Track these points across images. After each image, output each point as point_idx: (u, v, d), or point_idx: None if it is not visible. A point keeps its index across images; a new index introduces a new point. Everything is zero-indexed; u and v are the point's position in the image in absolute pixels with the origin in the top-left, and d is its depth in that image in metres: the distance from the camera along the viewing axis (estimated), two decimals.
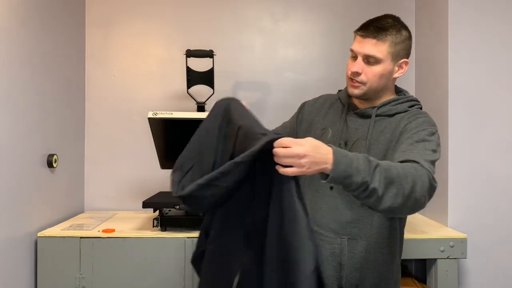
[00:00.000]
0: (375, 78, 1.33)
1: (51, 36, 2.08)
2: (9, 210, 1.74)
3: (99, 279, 1.84)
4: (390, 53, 1.32)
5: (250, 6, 2.52)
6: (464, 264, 2.04)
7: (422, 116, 1.35)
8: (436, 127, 1.32)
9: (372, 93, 1.36)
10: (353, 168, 1.04)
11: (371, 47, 1.31)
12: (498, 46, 2.05)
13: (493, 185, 2.04)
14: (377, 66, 1.32)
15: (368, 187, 1.05)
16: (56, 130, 2.13)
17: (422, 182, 1.11)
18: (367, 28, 1.33)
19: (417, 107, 1.41)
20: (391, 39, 1.31)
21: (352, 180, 1.04)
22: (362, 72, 1.33)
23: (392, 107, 1.37)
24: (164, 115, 1.94)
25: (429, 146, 1.23)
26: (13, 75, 1.76)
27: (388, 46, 1.31)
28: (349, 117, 1.41)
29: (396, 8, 2.52)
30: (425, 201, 1.13)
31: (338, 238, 1.34)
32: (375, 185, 1.05)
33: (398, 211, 1.11)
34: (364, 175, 1.04)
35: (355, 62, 1.34)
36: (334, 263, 1.35)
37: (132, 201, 2.43)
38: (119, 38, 2.49)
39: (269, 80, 2.51)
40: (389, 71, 1.34)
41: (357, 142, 1.35)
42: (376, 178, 1.06)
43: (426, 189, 1.12)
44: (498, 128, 2.05)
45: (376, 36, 1.30)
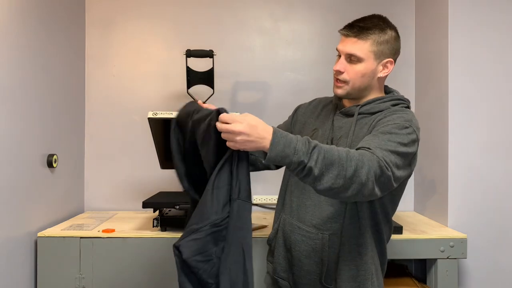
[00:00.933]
0: (357, 77, 1.35)
1: (51, 36, 2.08)
2: (9, 210, 1.74)
3: (99, 279, 1.84)
4: (372, 52, 1.33)
5: (250, 6, 2.52)
6: (464, 264, 2.04)
7: (400, 112, 1.33)
8: (412, 124, 1.28)
9: (356, 93, 1.38)
10: (291, 148, 1.08)
11: (352, 45, 1.33)
12: (498, 46, 2.05)
13: (493, 185, 2.04)
14: (359, 65, 1.34)
15: (305, 166, 1.08)
16: (56, 130, 2.13)
17: (368, 167, 1.11)
18: (350, 27, 1.35)
19: (402, 106, 1.40)
20: (373, 38, 1.33)
21: (291, 159, 1.08)
22: (344, 71, 1.35)
23: (374, 106, 1.38)
24: (164, 115, 1.93)
25: (394, 138, 1.22)
26: (13, 75, 1.76)
27: (370, 45, 1.33)
28: (335, 117, 1.45)
29: (396, 8, 2.52)
30: (373, 187, 1.13)
31: (319, 233, 1.37)
32: (311, 164, 1.08)
33: (341, 193, 1.12)
34: (300, 155, 1.08)
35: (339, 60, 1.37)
36: (316, 258, 1.38)
37: (132, 201, 2.43)
38: (119, 38, 2.49)
39: (269, 80, 2.51)
40: (372, 70, 1.35)
41: (341, 140, 1.38)
42: (313, 158, 1.08)
43: (374, 175, 1.12)
44: (498, 128, 2.05)
45: (358, 35, 1.33)
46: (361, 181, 1.10)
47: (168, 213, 1.96)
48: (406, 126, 1.26)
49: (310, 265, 1.39)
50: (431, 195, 2.24)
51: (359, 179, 1.10)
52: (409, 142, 1.24)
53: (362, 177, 1.10)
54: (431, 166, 2.25)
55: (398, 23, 2.51)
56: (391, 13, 2.51)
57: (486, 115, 2.05)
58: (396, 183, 1.21)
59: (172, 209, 1.96)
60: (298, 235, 1.41)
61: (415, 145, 1.27)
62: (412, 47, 2.51)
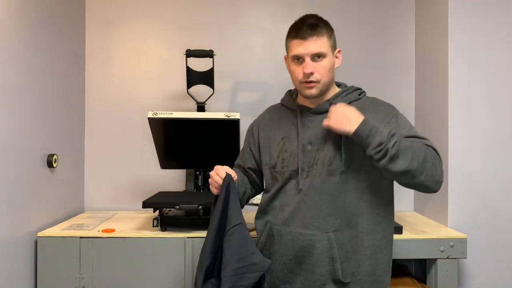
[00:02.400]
0: (325, 73, 1.40)
1: (51, 36, 2.08)
2: (9, 210, 1.74)
3: (99, 279, 1.85)
4: (330, 46, 1.40)
5: (250, 6, 2.52)
6: (464, 264, 2.04)
7: (379, 102, 1.48)
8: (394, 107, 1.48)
9: (325, 89, 1.44)
10: (376, 130, 1.28)
11: (315, 44, 1.37)
12: (498, 46, 2.05)
13: (493, 185, 2.04)
14: (325, 61, 1.39)
15: (383, 148, 1.26)
16: (56, 130, 2.13)
17: (434, 154, 1.33)
18: (302, 30, 1.39)
19: (364, 95, 1.51)
20: (325, 32, 1.39)
21: (373, 139, 1.28)
22: (314, 71, 1.38)
23: (344, 98, 1.45)
24: (164, 115, 1.94)
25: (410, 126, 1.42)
26: (13, 75, 1.76)
27: (327, 39, 1.39)
28: (305, 118, 1.46)
29: (396, 8, 2.53)
30: (441, 171, 1.34)
31: (324, 233, 1.38)
32: (389, 146, 1.26)
33: (416, 176, 1.29)
34: (382, 137, 1.27)
35: (303, 64, 1.39)
36: (326, 258, 1.38)
37: (132, 201, 2.44)
38: (119, 38, 2.49)
39: (269, 80, 2.51)
40: (333, 63, 1.42)
41: (322, 138, 1.41)
42: (392, 141, 1.27)
43: (438, 160, 1.34)
44: (498, 128, 2.05)
45: (315, 33, 1.37)
46: (431, 167, 1.30)
47: (168, 213, 1.96)
48: (396, 110, 1.46)
49: (322, 267, 1.38)
50: (431, 195, 2.24)
51: (429, 165, 1.30)
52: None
53: (429, 163, 1.30)
54: None
55: (398, 23, 2.53)
56: (391, 13, 2.53)
57: (486, 115, 2.05)
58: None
59: (172, 209, 1.96)
60: (303, 242, 1.40)
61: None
62: (412, 47, 2.51)
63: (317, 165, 1.40)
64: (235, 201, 1.39)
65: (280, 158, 1.46)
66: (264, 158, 1.52)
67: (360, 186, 1.39)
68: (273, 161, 1.48)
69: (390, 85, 2.51)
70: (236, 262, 1.31)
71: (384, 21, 2.52)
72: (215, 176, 1.40)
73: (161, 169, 2.17)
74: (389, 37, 2.52)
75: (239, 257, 1.32)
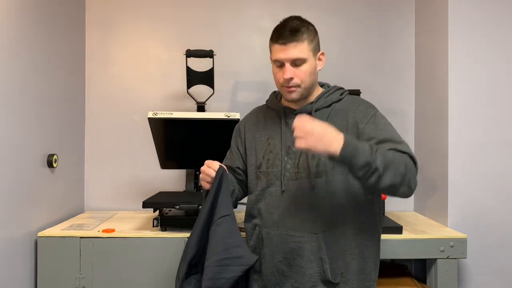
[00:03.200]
0: (306, 77, 1.40)
1: (51, 36, 2.08)
2: (9, 210, 1.74)
3: (99, 279, 1.85)
4: (310, 50, 1.40)
5: (250, 6, 2.52)
6: (464, 264, 2.04)
7: (359, 101, 1.48)
8: (374, 106, 1.47)
9: (307, 92, 1.45)
10: (359, 150, 1.21)
11: (294, 50, 1.37)
12: (498, 46, 2.05)
13: (493, 185, 2.04)
14: (305, 66, 1.39)
15: (371, 167, 1.21)
16: (56, 130, 2.14)
17: (410, 164, 1.29)
18: (283, 35, 1.38)
19: (346, 94, 1.52)
20: (306, 37, 1.39)
21: (358, 161, 1.21)
22: (294, 76, 1.39)
23: (326, 99, 1.47)
24: (164, 115, 1.94)
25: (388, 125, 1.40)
26: (13, 75, 1.76)
27: (307, 44, 1.39)
28: (290, 120, 1.46)
29: (396, 8, 2.53)
30: (415, 180, 1.30)
31: (313, 235, 1.39)
32: (377, 165, 1.21)
33: (398, 190, 1.27)
34: (367, 156, 1.21)
35: (283, 69, 1.40)
36: (316, 260, 1.39)
37: (132, 201, 2.44)
38: (119, 39, 2.49)
39: (269, 80, 2.48)
40: (314, 67, 1.43)
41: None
42: (377, 159, 1.21)
43: (414, 170, 1.30)
44: (498, 128, 2.05)
45: (295, 39, 1.37)
46: (409, 178, 1.27)
47: (168, 213, 1.96)
48: (375, 110, 1.44)
49: (312, 268, 1.39)
50: (431, 195, 2.24)
51: (408, 176, 1.26)
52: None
53: (408, 174, 1.27)
54: (431, 166, 2.25)
55: (398, 23, 2.53)
56: (391, 13, 2.53)
57: (486, 115, 2.05)
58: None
59: (172, 209, 1.96)
60: (292, 243, 1.41)
61: None
62: (412, 47, 2.51)
63: (303, 167, 1.41)
64: (227, 193, 1.37)
65: (266, 158, 1.47)
66: (250, 158, 1.53)
67: (346, 186, 1.39)
68: (258, 161, 1.50)
69: (390, 85, 2.51)
70: (220, 253, 1.27)
71: (384, 21, 2.52)
72: (208, 169, 1.38)
73: (161, 169, 2.17)
74: (389, 37, 2.52)
75: (224, 248, 1.28)
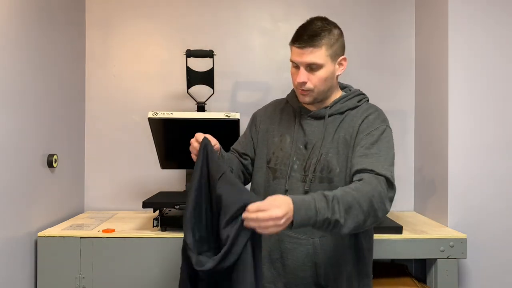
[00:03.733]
0: (321, 83, 1.38)
1: (51, 36, 2.08)
2: (9, 210, 1.74)
3: (99, 279, 1.85)
4: (328, 56, 1.37)
5: (250, 6, 2.52)
6: (464, 264, 2.04)
7: (372, 112, 1.42)
8: (386, 121, 1.41)
9: (321, 96, 1.42)
10: (312, 209, 1.13)
11: (310, 55, 1.35)
12: (498, 46, 2.05)
13: (493, 185, 2.04)
14: (320, 71, 1.37)
15: (331, 221, 1.14)
16: (56, 130, 2.13)
17: (379, 192, 1.22)
18: (301, 39, 1.36)
19: (365, 101, 1.47)
20: (325, 42, 1.36)
21: (315, 219, 1.13)
22: (308, 81, 1.37)
23: (342, 105, 1.44)
24: (164, 115, 1.94)
25: (385, 145, 1.34)
26: (13, 75, 1.76)
27: (325, 50, 1.36)
28: (304, 121, 1.46)
29: (396, 8, 2.53)
30: (385, 207, 1.24)
31: (310, 238, 1.38)
32: (337, 217, 1.14)
33: (363, 227, 1.21)
34: (324, 212, 1.13)
35: (298, 72, 1.38)
36: (309, 263, 1.39)
37: (132, 201, 2.44)
38: (119, 38, 2.49)
39: (269, 80, 2.51)
40: (332, 72, 1.39)
41: (316, 144, 1.41)
42: (336, 210, 1.15)
43: (386, 197, 1.24)
44: (498, 128, 2.05)
45: (312, 44, 1.34)
46: (375, 209, 1.20)
47: (168, 213, 1.96)
48: (384, 128, 1.37)
49: (305, 271, 1.39)
50: (431, 195, 2.24)
51: (374, 208, 1.20)
52: (392, 141, 1.38)
53: (376, 205, 1.20)
54: (431, 166, 2.25)
55: (398, 23, 2.53)
56: (391, 13, 2.53)
57: (486, 115, 2.05)
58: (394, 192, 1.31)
59: (172, 209, 1.96)
60: (289, 244, 1.41)
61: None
62: (412, 47, 2.51)
63: (309, 170, 1.40)
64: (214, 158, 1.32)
65: (275, 155, 1.47)
66: (261, 150, 1.52)
67: None
68: (268, 156, 1.49)
69: (390, 85, 2.51)
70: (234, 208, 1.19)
71: (384, 21, 2.52)
72: (194, 142, 1.38)
73: (161, 169, 2.17)
74: (389, 37, 2.52)
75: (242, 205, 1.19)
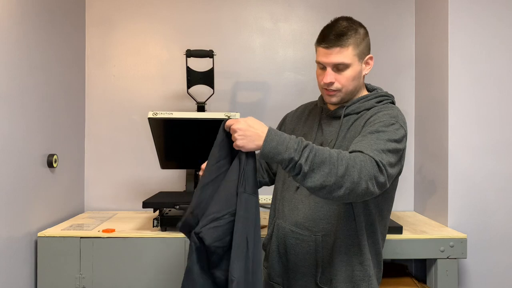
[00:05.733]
0: (348, 82, 1.37)
1: (51, 36, 2.08)
2: (9, 210, 1.74)
3: (99, 279, 1.85)
4: (356, 55, 1.36)
5: (250, 7, 2.52)
6: (464, 264, 2.04)
7: (386, 109, 1.36)
8: (398, 119, 1.31)
9: (348, 97, 1.41)
10: (283, 145, 1.13)
11: (337, 55, 1.34)
12: (498, 46, 2.05)
13: (493, 185, 2.04)
14: (348, 71, 1.36)
15: (296, 163, 1.12)
16: (56, 130, 2.13)
17: (360, 166, 1.13)
18: (327, 39, 1.35)
19: (386, 102, 1.43)
20: (352, 41, 1.35)
21: (282, 156, 1.12)
22: (335, 81, 1.36)
23: (360, 105, 1.41)
24: (164, 115, 1.94)
25: (383, 136, 1.24)
26: (13, 75, 1.76)
27: (352, 49, 1.35)
28: (323, 120, 1.47)
29: (396, 8, 2.53)
30: (367, 186, 1.14)
31: (312, 235, 1.38)
32: (302, 162, 1.11)
33: (334, 192, 1.13)
34: (291, 152, 1.12)
35: (325, 73, 1.37)
36: (310, 260, 1.39)
37: (132, 201, 2.44)
38: (119, 38, 2.49)
39: (269, 80, 2.51)
40: (359, 71, 1.38)
41: (331, 143, 1.40)
42: (304, 155, 1.12)
43: (368, 174, 1.14)
44: (498, 128, 2.05)
45: (339, 44, 1.33)
46: (353, 180, 1.12)
47: (168, 213, 1.96)
48: (392, 122, 1.29)
49: (305, 268, 1.39)
50: (431, 195, 2.24)
51: (351, 178, 1.12)
52: (399, 138, 1.27)
53: (354, 176, 1.12)
54: (431, 166, 2.25)
55: (398, 23, 2.53)
56: (391, 13, 2.53)
57: (486, 115, 2.05)
58: (390, 181, 1.23)
59: (172, 209, 1.96)
60: (292, 239, 1.41)
61: (403, 140, 1.30)
62: (412, 47, 2.51)
63: None
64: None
65: None
66: None
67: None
68: None
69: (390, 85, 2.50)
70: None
71: (384, 21, 2.52)
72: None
73: (161, 169, 2.17)
74: (389, 37, 2.52)
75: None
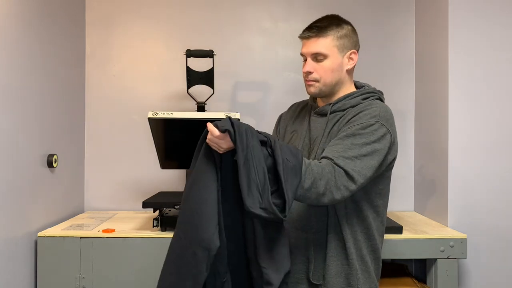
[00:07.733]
0: (327, 73, 1.40)
1: (51, 36, 2.08)
2: (9, 210, 1.74)
3: (99, 279, 1.85)
4: (335, 47, 1.40)
5: (250, 7, 2.52)
6: (464, 264, 2.04)
7: (369, 108, 1.37)
8: (379, 118, 1.33)
9: (328, 89, 1.43)
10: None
11: (315, 45, 1.39)
12: (498, 46, 2.05)
13: (493, 185, 2.04)
14: (326, 61, 1.40)
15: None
16: (56, 130, 2.13)
17: (328, 179, 1.22)
18: (309, 30, 1.41)
19: (372, 98, 1.44)
20: (332, 33, 1.39)
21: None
22: (314, 71, 1.40)
23: (346, 102, 1.43)
24: (164, 115, 1.93)
25: (358, 141, 1.28)
26: (13, 75, 1.76)
27: (331, 40, 1.39)
28: (312, 117, 1.50)
29: (396, 8, 2.53)
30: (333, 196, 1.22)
31: (304, 233, 1.40)
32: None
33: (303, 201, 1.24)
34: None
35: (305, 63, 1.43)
36: (302, 257, 1.40)
37: (132, 201, 2.43)
38: (119, 38, 2.49)
39: (269, 80, 2.51)
40: (339, 64, 1.41)
41: (316, 140, 1.43)
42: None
43: (335, 185, 1.22)
44: (498, 128, 2.05)
45: (318, 34, 1.39)
46: (318, 192, 1.20)
47: (168, 213, 1.96)
48: (371, 123, 1.32)
49: (297, 265, 1.40)
50: (431, 195, 2.24)
51: (317, 190, 1.20)
52: (377, 138, 1.30)
53: (319, 189, 1.20)
54: (431, 166, 2.25)
55: (398, 23, 2.53)
56: (391, 12, 2.53)
57: (486, 115, 2.05)
58: (367, 182, 1.28)
59: (172, 209, 1.96)
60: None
61: (384, 139, 1.32)
62: (412, 47, 2.51)
63: None
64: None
65: None
66: None
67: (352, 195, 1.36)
68: None
69: (390, 85, 2.50)
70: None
71: (384, 21, 2.52)
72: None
73: (161, 169, 2.17)
74: (389, 37, 2.52)
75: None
